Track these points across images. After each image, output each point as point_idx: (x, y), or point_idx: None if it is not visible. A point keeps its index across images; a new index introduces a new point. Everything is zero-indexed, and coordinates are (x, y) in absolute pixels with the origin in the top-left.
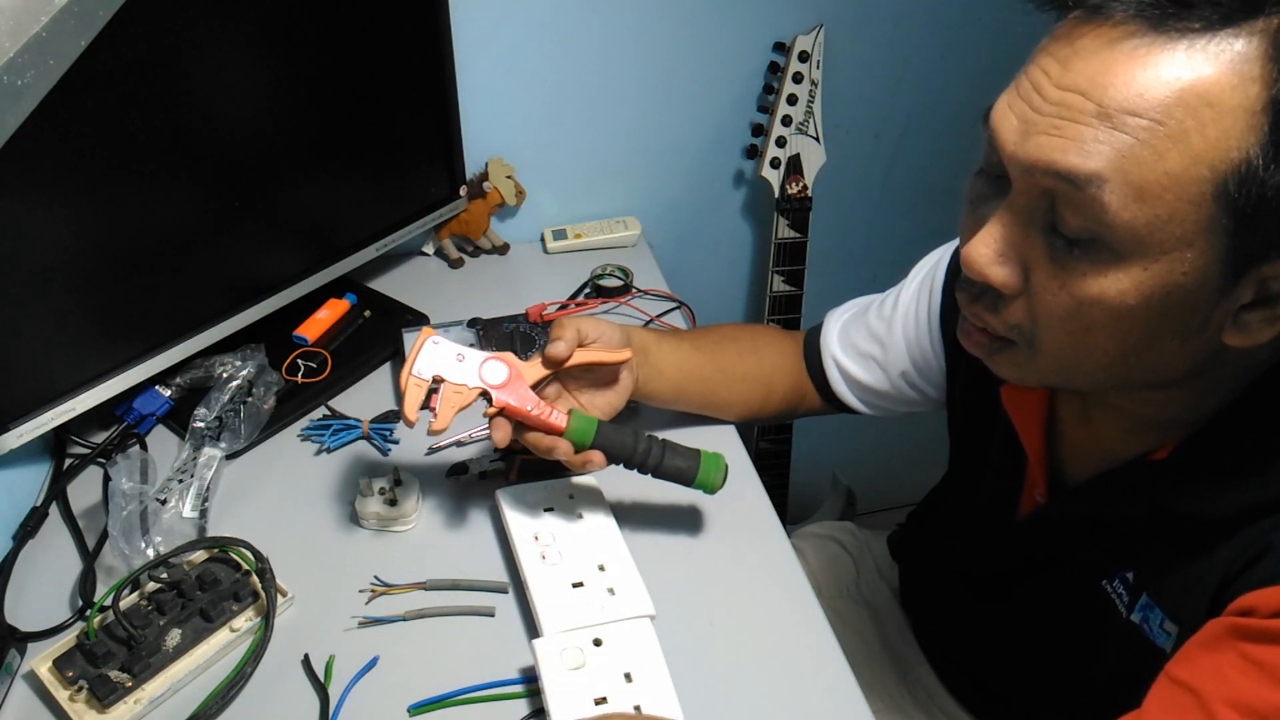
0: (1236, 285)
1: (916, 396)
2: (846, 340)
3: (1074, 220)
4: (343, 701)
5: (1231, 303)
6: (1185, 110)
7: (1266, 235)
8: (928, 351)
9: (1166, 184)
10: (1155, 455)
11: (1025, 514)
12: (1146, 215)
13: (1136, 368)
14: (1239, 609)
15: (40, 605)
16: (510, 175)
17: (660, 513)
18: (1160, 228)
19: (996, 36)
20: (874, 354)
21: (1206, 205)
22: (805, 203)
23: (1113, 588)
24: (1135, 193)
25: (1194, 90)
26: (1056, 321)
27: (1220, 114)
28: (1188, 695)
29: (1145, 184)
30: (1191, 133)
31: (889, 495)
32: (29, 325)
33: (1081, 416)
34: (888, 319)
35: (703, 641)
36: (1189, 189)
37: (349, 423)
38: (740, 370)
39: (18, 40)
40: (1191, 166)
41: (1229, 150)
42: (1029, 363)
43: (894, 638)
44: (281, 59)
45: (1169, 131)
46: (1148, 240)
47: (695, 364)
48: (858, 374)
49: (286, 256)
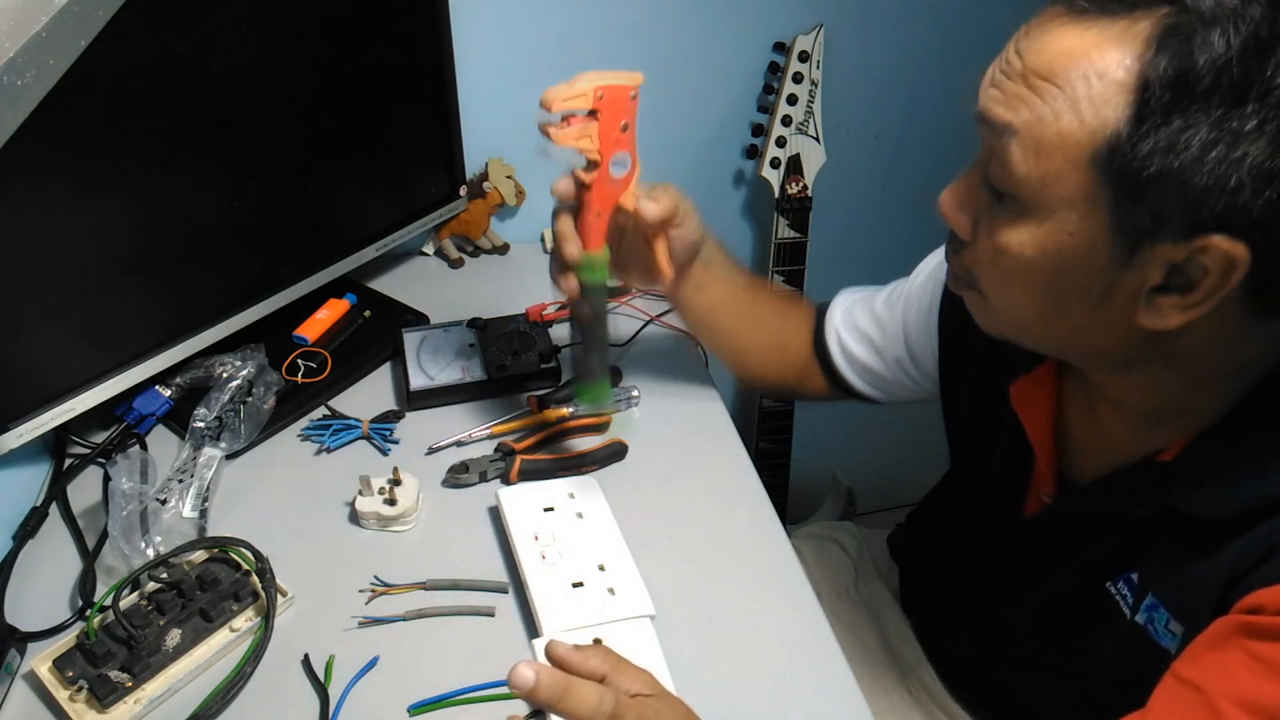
0: (1134, 260)
1: (909, 383)
2: (849, 319)
3: (996, 170)
4: (343, 701)
5: (1135, 279)
6: (1081, 80)
7: (1155, 212)
8: (924, 342)
9: (1057, 144)
10: (1163, 456)
11: (1031, 514)
12: (1039, 171)
13: (1064, 332)
14: (1246, 607)
15: (40, 605)
16: (510, 175)
17: (660, 513)
18: (1049, 185)
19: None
20: (872, 335)
21: (1085, 170)
22: (805, 203)
23: (1117, 589)
24: (1034, 147)
25: (1091, 63)
26: (983, 269)
27: (1105, 85)
28: (1194, 693)
29: (1042, 141)
30: (1081, 100)
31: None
32: (29, 325)
33: (1088, 413)
34: (892, 305)
35: (703, 641)
36: (1072, 151)
37: (349, 423)
38: (769, 323)
39: (18, 40)
40: (1076, 130)
41: (1105, 121)
42: (983, 308)
43: (894, 638)
44: (282, 59)
45: (1067, 97)
46: (1040, 196)
47: (736, 298)
48: (856, 351)
49: (286, 256)
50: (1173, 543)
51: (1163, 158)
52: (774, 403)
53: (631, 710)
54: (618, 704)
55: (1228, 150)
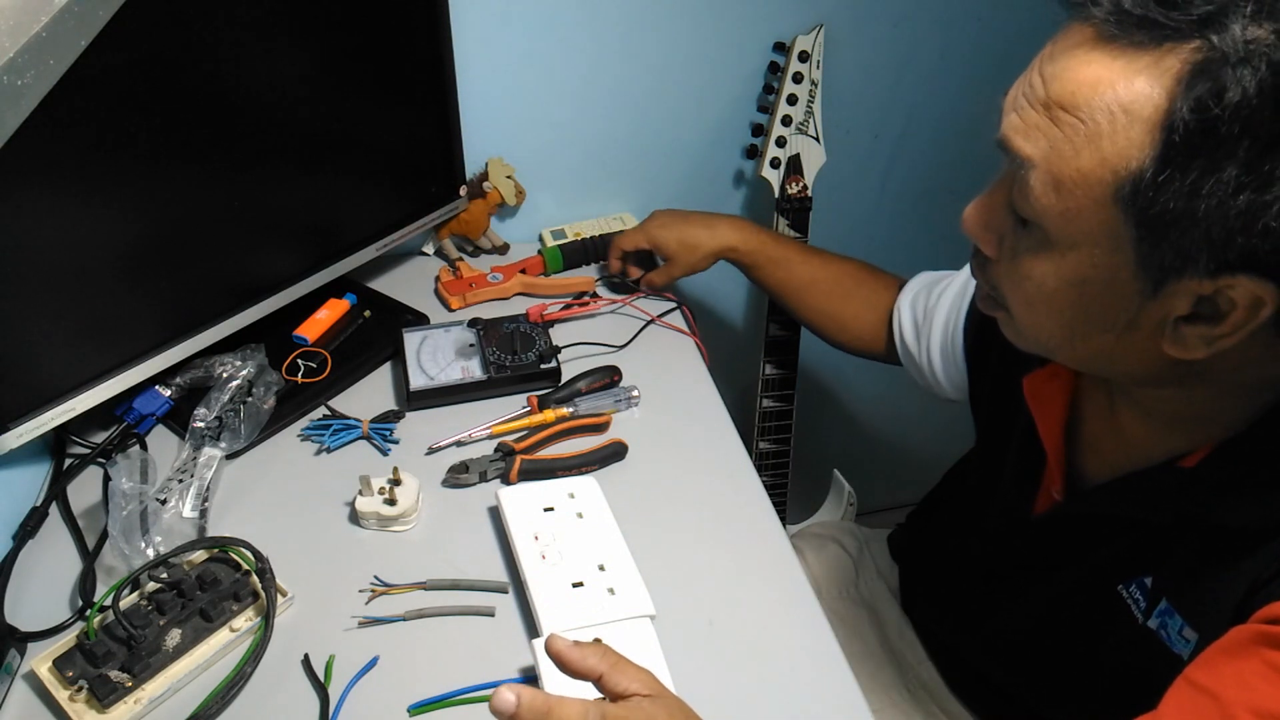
0: (1160, 293)
1: (942, 382)
2: (910, 301)
3: (1018, 199)
4: (343, 701)
5: (1162, 310)
6: (1105, 114)
7: (1180, 251)
8: (957, 345)
9: (1078, 180)
10: (1184, 462)
11: (1040, 513)
12: (1060, 206)
13: (1090, 354)
14: (1266, 617)
15: (40, 605)
16: (510, 175)
17: (660, 513)
18: (1071, 220)
19: (996, 36)
20: (919, 324)
21: (1108, 207)
22: (805, 203)
23: (1129, 592)
24: (1054, 183)
25: (1117, 97)
26: (1009, 291)
27: (1131, 122)
28: (1209, 700)
29: (1062, 176)
30: (1104, 136)
31: (889, 495)
32: (29, 325)
33: (1107, 413)
34: (939, 297)
35: (703, 641)
36: (1094, 189)
37: (349, 423)
38: (848, 305)
39: (18, 40)
40: (1098, 168)
41: (1130, 158)
42: (1011, 326)
43: (894, 638)
44: (282, 59)
45: (1088, 131)
46: (1062, 230)
47: (814, 282)
48: (906, 332)
49: (286, 256)
50: (1189, 549)
51: (1188, 199)
52: (774, 403)
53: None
54: (604, 716)
55: (1257, 194)
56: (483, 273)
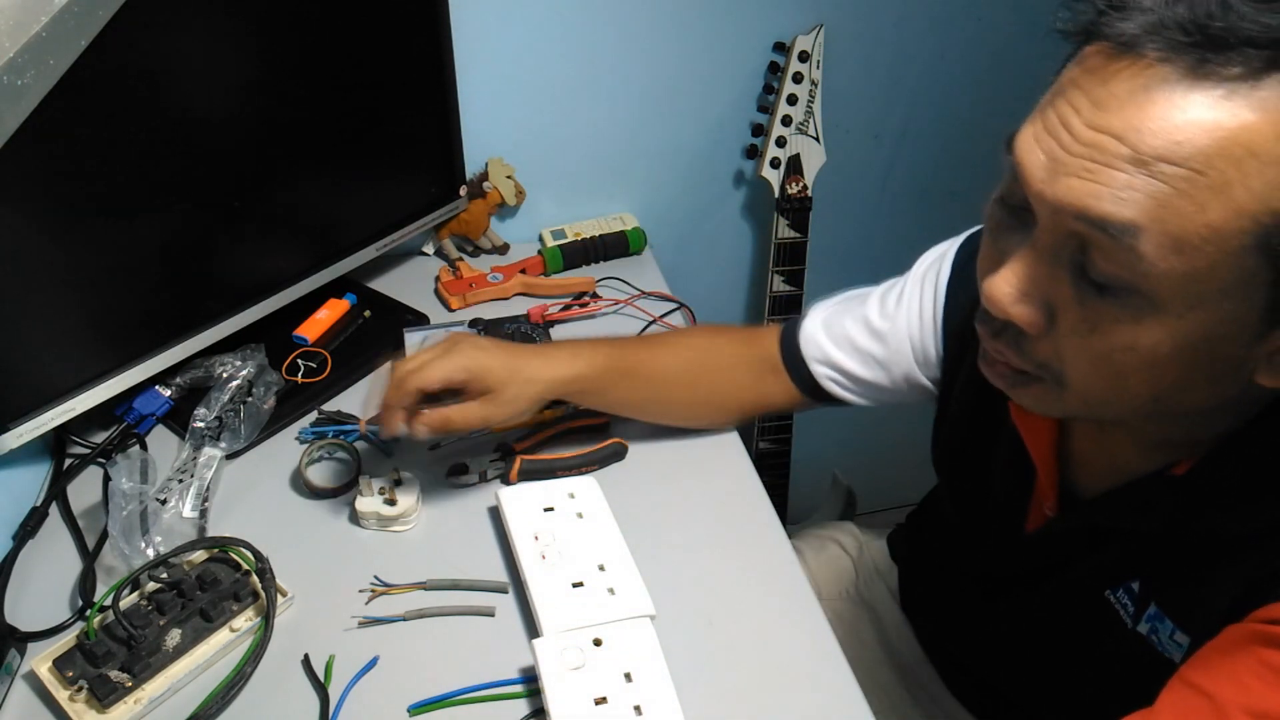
0: (1273, 330)
1: (917, 396)
2: (840, 334)
3: (1106, 266)
4: (343, 701)
5: (1268, 346)
6: (1227, 160)
7: None
8: (929, 353)
9: (1207, 235)
10: (1175, 470)
11: (1033, 529)
12: (1185, 267)
13: (1166, 404)
14: (1264, 617)
15: (40, 605)
16: (510, 175)
17: (660, 513)
18: (1199, 279)
19: (997, 37)
20: (874, 352)
21: (1248, 257)
22: (805, 203)
23: (1116, 597)
24: (1174, 244)
25: (1236, 139)
26: (1086, 365)
27: (1264, 164)
28: (1203, 699)
29: (1185, 235)
30: (1235, 184)
31: (889, 495)
32: (29, 325)
33: (1095, 434)
34: (891, 316)
35: (703, 641)
36: (1230, 241)
37: (344, 427)
38: (687, 399)
39: (18, 40)
40: (1233, 219)
41: (1273, 202)
42: (1055, 398)
43: (894, 638)
44: (282, 59)
45: (1210, 182)
46: (1185, 291)
47: (638, 399)
48: (855, 370)
49: (286, 256)
50: (1178, 554)
51: None
52: None
53: None
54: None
55: None
56: (483, 273)
